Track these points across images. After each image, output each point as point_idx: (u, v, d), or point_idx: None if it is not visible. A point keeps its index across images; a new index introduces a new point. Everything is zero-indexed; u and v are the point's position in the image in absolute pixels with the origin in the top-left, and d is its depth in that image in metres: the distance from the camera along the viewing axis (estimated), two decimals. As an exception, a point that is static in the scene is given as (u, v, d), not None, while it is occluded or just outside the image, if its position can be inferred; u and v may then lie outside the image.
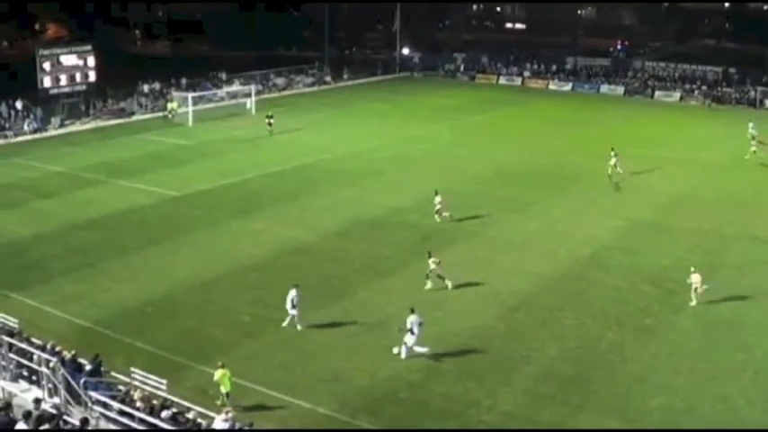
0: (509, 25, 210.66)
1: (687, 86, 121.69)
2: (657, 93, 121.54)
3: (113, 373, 33.19)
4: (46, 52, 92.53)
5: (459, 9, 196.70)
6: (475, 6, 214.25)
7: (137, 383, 31.79)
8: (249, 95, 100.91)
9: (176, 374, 34.73)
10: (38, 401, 27.27)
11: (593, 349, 39.07)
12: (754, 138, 77.42)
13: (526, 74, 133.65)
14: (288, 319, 40.77)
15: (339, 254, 50.56)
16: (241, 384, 34.49)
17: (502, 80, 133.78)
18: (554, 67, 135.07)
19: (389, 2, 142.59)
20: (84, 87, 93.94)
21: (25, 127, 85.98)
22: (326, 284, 45.97)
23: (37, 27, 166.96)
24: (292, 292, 40.62)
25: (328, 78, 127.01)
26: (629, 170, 68.34)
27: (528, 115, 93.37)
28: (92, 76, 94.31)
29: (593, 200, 59.64)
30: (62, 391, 29.31)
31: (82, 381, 30.14)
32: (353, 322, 41.38)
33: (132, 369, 32.72)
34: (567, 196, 60.67)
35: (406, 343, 37.90)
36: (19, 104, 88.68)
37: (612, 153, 68.56)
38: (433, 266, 45.27)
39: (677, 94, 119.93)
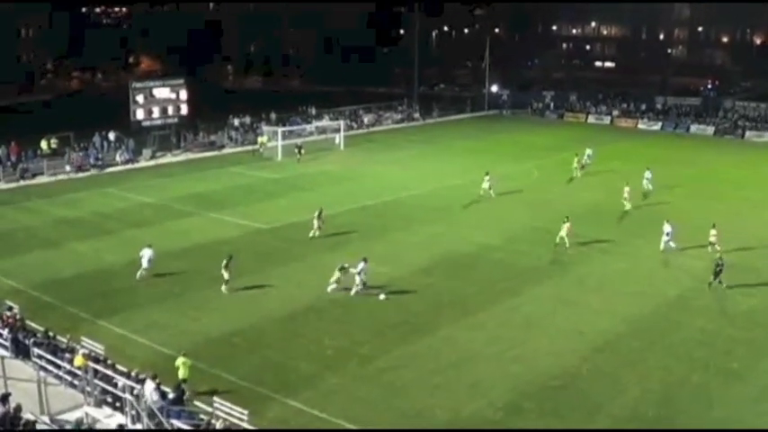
0: (598, 64, 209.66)
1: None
2: (748, 133, 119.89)
3: (196, 402, 33.57)
4: (139, 85, 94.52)
5: (548, 47, 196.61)
6: (564, 45, 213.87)
7: (219, 413, 32.10)
8: (338, 131, 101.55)
9: (259, 405, 35.04)
10: (121, 427, 27.65)
11: (677, 392, 38.58)
12: None
13: (615, 113, 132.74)
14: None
15: (425, 290, 50.51)
16: (322, 418, 34.74)
17: (591, 119, 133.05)
18: (643, 107, 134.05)
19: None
20: (175, 120, 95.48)
21: (117, 158, 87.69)
22: (413, 320, 46.04)
23: (131, 60, 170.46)
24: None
25: (417, 115, 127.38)
26: (716, 210, 67.71)
27: (617, 155, 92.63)
28: (183, 110, 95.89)
29: (682, 240, 58.94)
30: (145, 419, 29.66)
31: (165, 409, 30.51)
32: (437, 359, 41.34)
33: (215, 399, 33.08)
34: (655, 236, 60.00)
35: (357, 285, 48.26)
36: (112, 136, 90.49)
37: (486, 177, 73.20)
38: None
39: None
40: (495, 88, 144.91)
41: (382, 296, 48.90)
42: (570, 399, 37.67)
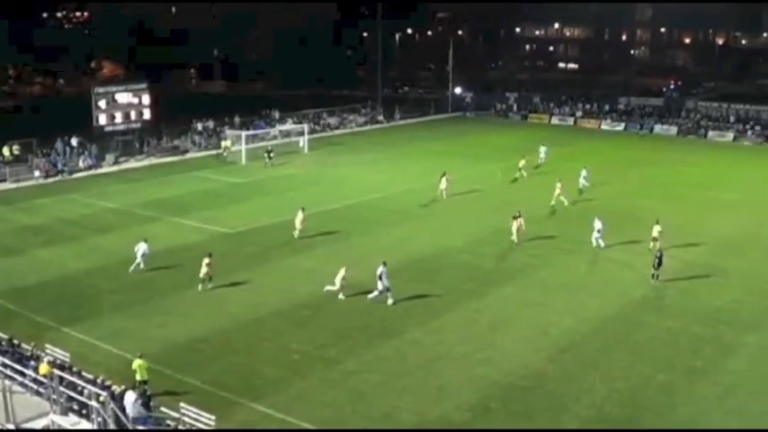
0: (562, 65, 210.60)
1: (741, 126, 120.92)
2: (711, 133, 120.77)
3: (163, 408, 33.46)
4: (101, 90, 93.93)
5: (511, 49, 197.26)
6: (528, 46, 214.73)
7: (186, 419, 32.02)
8: (302, 134, 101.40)
9: (225, 410, 34.99)
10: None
11: (642, 391, 38.77)
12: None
13: (579, 114, 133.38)
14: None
15: (349, 297, 50.38)
16: (288, 422, 34.73)
17: (554, 120, 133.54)
18: (606, 107, 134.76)
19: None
20: (138, 125, 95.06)
21: (80, 164, 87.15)
22: (378, 323, 46.04)
23: (93, 65, 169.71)
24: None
25: (381, 118, 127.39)
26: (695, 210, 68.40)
27: (581, 156, 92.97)
28: (146, 114, 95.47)
29: (647, 239, 59.25)
30: (111, 425, 29.54)
31: (131, 415, 30.41)
32: (404, 361, 41.38)
33: (182, 404, 32.98)
34: (621, 236, 60.35)
35: (378, 289, 47.72)
36: (74, 141, 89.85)
37: (444, 177, 74.35)
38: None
39: (731, 135, 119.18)
40: (458, 90, 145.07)
41: (390, 301, 48.76)
42: (537, 399, 37.79)
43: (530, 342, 44.01)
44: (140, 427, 30.37)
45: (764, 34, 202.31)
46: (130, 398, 31.87)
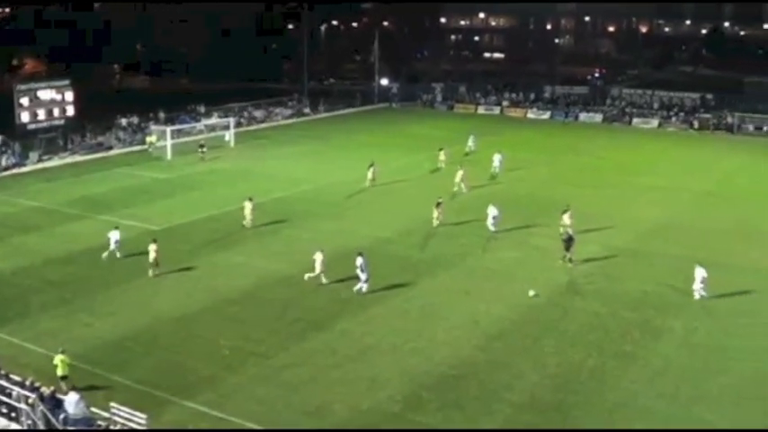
0: (487, 55, 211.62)
1: (665, 113, 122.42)
2: (635, 120, 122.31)
3: (93, 409, 33.06)
4: (23, 87, 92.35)
5: (436, 39, 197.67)
6: (453, 36, 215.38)
7: (117, 419, 31.70)
8: (228, 128, 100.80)
9: (157, 409, 34.65)
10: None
11: (574, 376, 39.15)
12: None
13: (505, 103, 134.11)
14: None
15: (321, 286, 50.37)
16: (222, 418, 34.51)
17: (480, 109, 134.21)
18: (532, 96, 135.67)
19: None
20: (62, 122, 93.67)
21: (3, 162, 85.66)
22: (308, 316, 45.92)
23: (15, 62, 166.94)
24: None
25: (307, 110, 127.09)
26: (618, 198, 69.22)
27: (507, 145, 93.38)
28: (70, 111, 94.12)
29: (574, 227, 59.74)
30: (41, 427, 29.18)
31: (61, 417, 30.05)
32: (335, 354, 41.33)
33: (112, 404, 32.62)
34: (548, 224, 60.78)
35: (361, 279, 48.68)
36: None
37: (371, 167, 75.87)
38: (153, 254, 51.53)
39: (655, 121, 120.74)
40: (384, 81, 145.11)
41: (531, 292, 49.16)
42: (469, 388, 37.94)
43: (460, 331, 44.18)
44: (71, 428, 29.99)
45: (687, 22, 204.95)
46: (73, 398, 31.51)
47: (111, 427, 31.30)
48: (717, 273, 51.80)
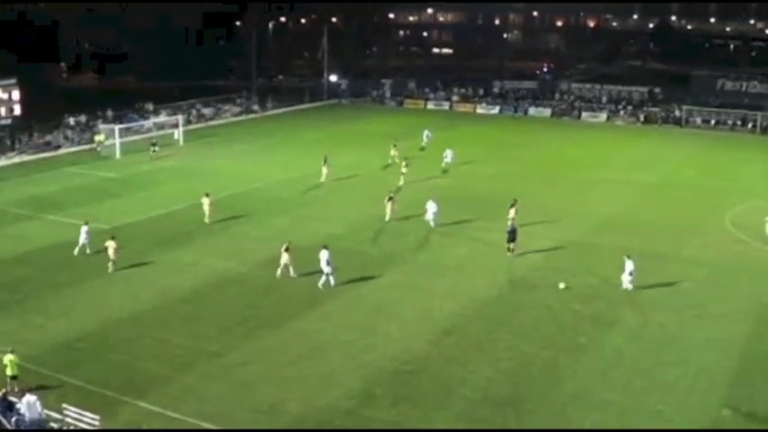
0: (436, 50, 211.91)
1: (613, 107, 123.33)
2: (584, 114, 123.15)
3: (46, 411, 32.76)
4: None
5: (385, 35, 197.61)
6: (402, 32, 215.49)
7: (70, 420, 31.44)
8: (176, 126, 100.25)
9: (109, 410, 34.41)
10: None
11: (527, 370, 39.31)
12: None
13: (454, 98, 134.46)
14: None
15: (272, 283, 50.29)
16: (175, 418, 34.30)
17: (430, 105, 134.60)
18: (481, 91, 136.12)
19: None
20: (8, 122, 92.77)
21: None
22: (260, 314, 45.81)
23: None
24: (324, 253, 49.21)
25: (256, 107, 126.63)
26: (570, 192, 69.89)
27: (457, 140, 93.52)
28: (17, 110, 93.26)
29: (524, 222, 59.98)
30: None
31: (13, 419, 29.75)
32: (287, 351, 41.22)
33: (65, 406, 32.37)
34: (498, 219, 60.96)
35: (325, 273, 49.06)
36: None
37: (326, 162, 77.07)
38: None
39: (604, 115, 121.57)
40: (333, 78, 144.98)
41: (562, 285, 49.56)
42: (423, 383, 37.98)
43: (413, 327, 44.23)
44: (23, 430, 29.71)
45: (634, 16, 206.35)
46: (29, 400, 31.22)
47: (64, 428, 31.04)
48: (666, 265, 52.51)
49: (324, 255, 49.41)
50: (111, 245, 52.35)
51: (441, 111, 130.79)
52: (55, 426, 31.43)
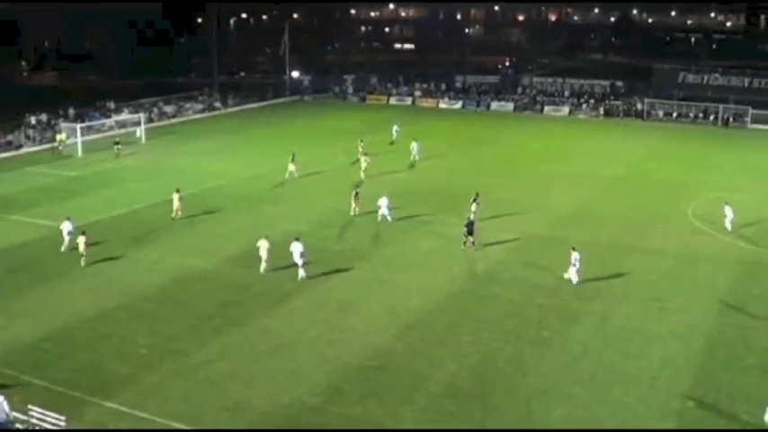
0: (398, 46, 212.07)
1: (575, 101, 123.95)
2: (546, 108, 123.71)
3: (13, 412, 32.65)
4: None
5: (347, 31, 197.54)
6: (363, 28, 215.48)
7: (35, 421, 31.35)
8: (138, 124, 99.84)
9: (75, 410, 34.31)
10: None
11: (492, 364, 39.50)
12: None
13: (417, 93, 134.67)
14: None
15: (237, 280, 50.30)
16: (142, 417, 34.25)
17: (392, 100, 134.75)
18: (444, 86, 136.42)
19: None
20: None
21: None
22: (225, 311, 45.74)
23: None
24: (297, 246, 49.89)
25: (218, 104, 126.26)
26: (527, 186, 70.20)
27: (421, 135, 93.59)
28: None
29: (487, 216, 60.25)
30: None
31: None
32: (253, 348, 41.23)
33: (30, 406, 32.26)
34: (462, 214, 61.12)
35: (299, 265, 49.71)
36: None
37: (292, 159, 76.68)
38: None
39: (566, 109, 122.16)
40: (296, 74, 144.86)
41: (566, 275, 49.66)
42: (388, 378, 38.11)
43: (378, 322, 44.35)
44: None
45: (595, 10, 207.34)
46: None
47: (30, 429, 30.94)
48: (630, 256, 52.86)
49: (296, 247, 49.87)
50: (81, 240, 52.79)
51: (403, 106, 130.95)
52: (20, 426, 31.31)
